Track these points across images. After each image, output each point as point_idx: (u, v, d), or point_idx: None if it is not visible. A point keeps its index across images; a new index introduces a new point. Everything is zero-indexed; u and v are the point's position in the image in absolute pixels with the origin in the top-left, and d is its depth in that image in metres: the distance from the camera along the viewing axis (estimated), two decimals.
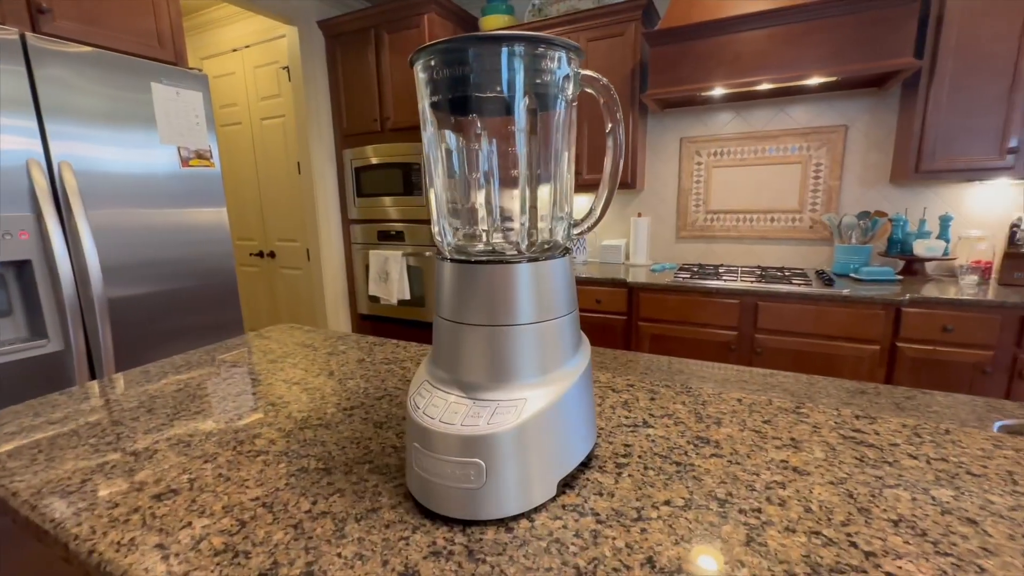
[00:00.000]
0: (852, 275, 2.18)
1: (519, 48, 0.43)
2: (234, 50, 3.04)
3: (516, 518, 0.45)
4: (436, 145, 0.49)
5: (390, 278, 2.84)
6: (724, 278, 2.23)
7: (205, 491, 0.50)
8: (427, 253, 2.80)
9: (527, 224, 0.47)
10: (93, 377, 1.50)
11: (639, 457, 0.54)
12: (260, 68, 2.98)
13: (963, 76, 1.90)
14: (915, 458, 0.52)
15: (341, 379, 0.79)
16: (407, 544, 0.42)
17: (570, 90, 0.47)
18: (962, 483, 0.48)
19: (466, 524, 0.44)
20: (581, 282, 2.44)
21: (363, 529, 0.44)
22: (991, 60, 1.86)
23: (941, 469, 0.50)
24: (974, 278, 2.01)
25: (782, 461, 0.52)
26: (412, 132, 2.74)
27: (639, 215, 2.83)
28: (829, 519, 0.43)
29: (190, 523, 0.45)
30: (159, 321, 1.67)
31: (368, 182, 2.89)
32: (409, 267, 2.86)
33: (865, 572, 0.37)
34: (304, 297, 3.16)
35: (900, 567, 0.38)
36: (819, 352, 2.02)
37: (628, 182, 2.54)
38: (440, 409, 0.47)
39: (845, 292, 1.94)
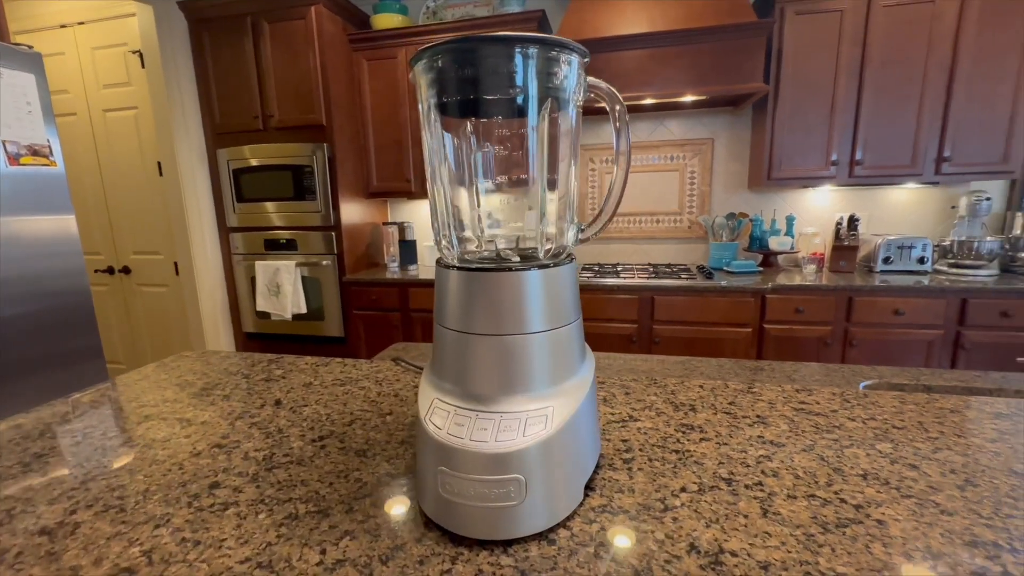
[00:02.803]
0: (725, 269, 2.51)
1: (533, 50, 0.43)
2: (63, 26, 2.52)
3: (553, 529, 0.44)
4: (441, 149, 0.46)
5: (282, 291, 2.58)
6: (622, 276, 2.41)
7: (172, 563, 0.41)
8: (324, 262, 2.60)
9: (544, 230, 0.47)
10: None
11: (640, 450, 0.56)
12: (101, 50, 2.51)
13: (799, 100, 2.30)
14: (853, 420, 0.62)
15: (293, 407, 0.70)
16: None
17: (580, 95, 0.47)
18: (894, 436, 0.58)
19: (506, 544, 0.42)
20: None
21: (395, 571, 0.40)
22: (817, 88, 2.28)
23: (874, 427, 0.60)
24: (813, 267, 2.44)
25: (759, 437, 0.59)
26: (302, 132, 2.53)
27: None
28: (816, 482, 0.50)
29: None
30: None
31: (250, 186, 2.60)
32: (304, 278, 2.63)
33: (861, 522, 0.44)
34: (173, 317, 2.73)
35: (884, 513, 0.45)
36: (706, 337, 2.28)
37: None
38: (466, 427, 0.44)
39: (723, 284, 2.22)
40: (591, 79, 0.48)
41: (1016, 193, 2.40)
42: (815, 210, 2.61)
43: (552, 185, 0.48)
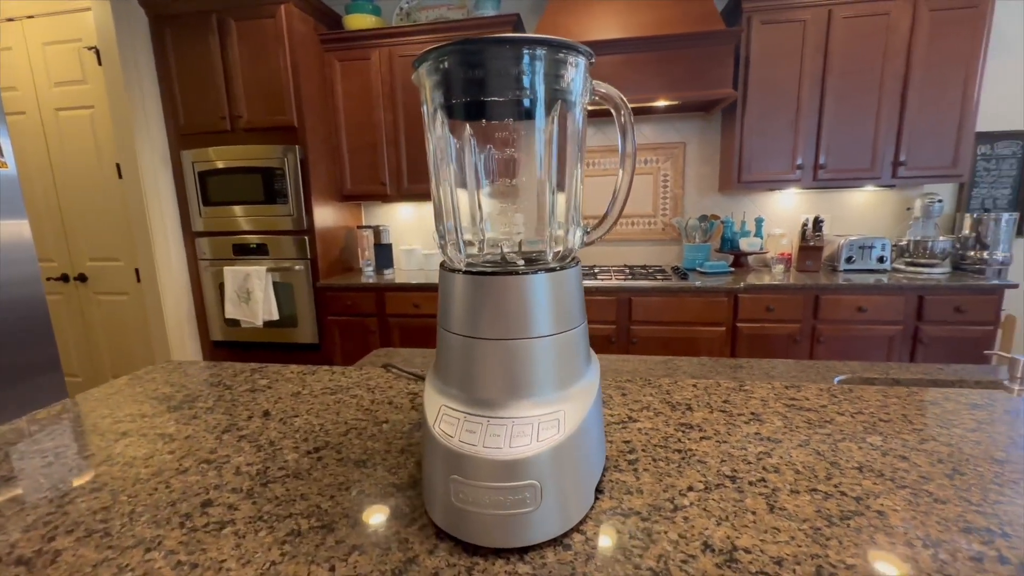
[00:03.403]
0: (699, 269, 2.57)
1: (541, 52, 0.43)
2: (10, 20, 2.37)
3: (567, 534, 0.44)
4: (447, 152, 0.46)
5: (253, 297, 2.50)
6: (599, 277, 2.44)
7: None
8: (296, 267, 2.53)
9: (552, 233, 0.47)
10: None
11: (643, 451, 0.57)
12: (53, 46, 2.38)
13: (766, 107, 2.38)
14: (842, 415, 0.64)
15: (283, 419, 0.67)
16: None
17: (587, 97, 0.47)
18: (882, 429, 0.60)
19: (521, 552, 0.42)
20: None
21: None
22: (783, 95, 2.36)
23: (863, 421, 0.63)
24: (781, 267, 2.53)
25: (756, 434, 0.60)
26: (272, 133, 2.45)
27: None
28: (816, 476, 0.51)
29: None
30: None
31: (217, 188, 2.50)
32: (275, 284, 2.55)
33: (863, 514, 0.45)
34: (134, 327, 2.60)
35: (883, 504, 0.46)
36: (682, 337, 2.33)
37: None
38: (478, 434, 0.43)
39: (698, 284, 2.27)
40: (596, 82, 0.48)
41: (964, 195, 2.55)
42: (782, 212, 2.71)
43: (560, 187, 0.48)
